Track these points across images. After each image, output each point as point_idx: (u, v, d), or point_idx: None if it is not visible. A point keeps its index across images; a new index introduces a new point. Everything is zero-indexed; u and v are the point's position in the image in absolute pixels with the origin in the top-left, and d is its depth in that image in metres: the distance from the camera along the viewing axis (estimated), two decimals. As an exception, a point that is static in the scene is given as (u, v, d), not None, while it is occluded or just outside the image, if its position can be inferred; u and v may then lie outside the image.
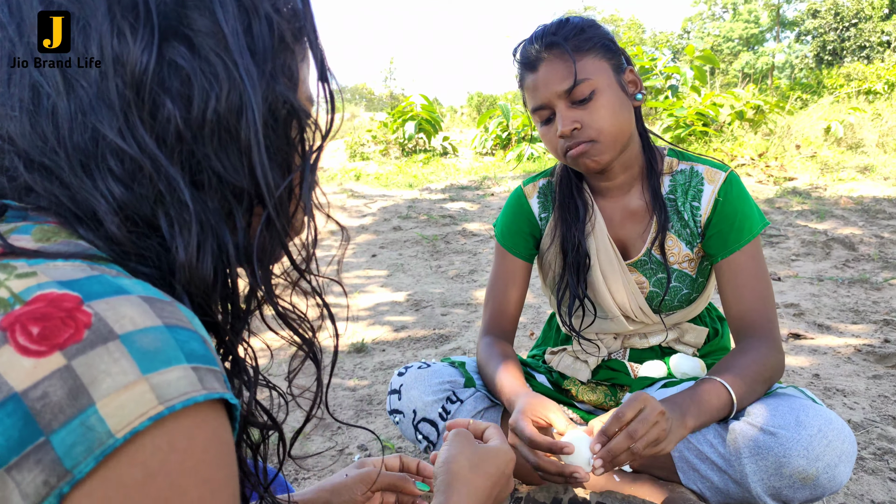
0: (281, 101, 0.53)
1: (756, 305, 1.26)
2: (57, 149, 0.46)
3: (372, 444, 1.70)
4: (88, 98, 0.46)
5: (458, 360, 1.49)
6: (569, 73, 1.20)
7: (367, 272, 3.82)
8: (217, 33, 0.49)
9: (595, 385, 1.45)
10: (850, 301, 2.94)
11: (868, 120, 8.60)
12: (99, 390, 0.37)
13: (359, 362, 2.33)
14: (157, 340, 0.40)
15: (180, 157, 0.49)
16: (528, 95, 1.27)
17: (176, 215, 0.48)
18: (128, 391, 0.38)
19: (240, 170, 0.51)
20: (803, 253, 3.90)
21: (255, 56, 0.51)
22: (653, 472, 1.28)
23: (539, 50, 1.22)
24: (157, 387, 0.39)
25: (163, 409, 0.39)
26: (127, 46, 0.46)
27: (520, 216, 1.45)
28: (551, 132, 1.26)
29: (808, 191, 5.66)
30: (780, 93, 12.40)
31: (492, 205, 5.66)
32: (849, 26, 23.87)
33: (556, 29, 1.23)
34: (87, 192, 0.46)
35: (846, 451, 1.12)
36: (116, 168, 0.46)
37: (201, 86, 0.48)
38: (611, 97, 1.22)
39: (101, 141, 0.46)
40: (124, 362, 0.38)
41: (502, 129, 9.17)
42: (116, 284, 0.42)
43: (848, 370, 2.11)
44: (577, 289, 1.36)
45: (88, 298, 0.40)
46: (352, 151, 9.61)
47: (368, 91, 22.42)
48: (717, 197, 1.30)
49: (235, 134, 0.50)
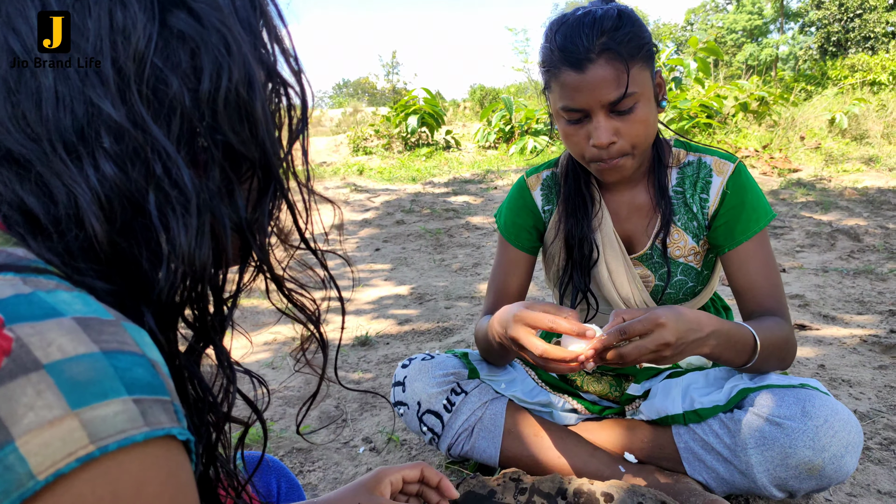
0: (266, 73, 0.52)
1: (768, 292, 1.26)
2: (37, 133, 0.42)
3: (377, 436, 1.70)
4: (84, 72, 0.43)
5: (461, 352, 1.49)
6: (619, 84, 1.12)
7: (371, 266, 3.82)
8: (215, 3, 0.47)
9: (600, 375, 1.45)
10: (856, 292, 2.93)
11: (873, 111, 8.57)
12: (19, 426, 0.33)
13: (363, 355, 2.33)
14: (92, 370, 0.35)
15: (179, 135, 0.46)
16: (562, 92, 1.17)
17: (174, 197, 0.45)
18: (53, 428, 0.33)
19: (250, 142, 0.50)
20: (808, 244, 3.89)
21: (243, 26, 0.49)
22: (658, 462, 1.28)
23: (589, 49, 1.11)
24: (88, 423, 0.34)
25: (94, 450, 0.34)
26: (129, 17, 0.44)
27: (523, 208, 1.44)
28: (580, 134, 1.19)
29: (813, 182, 5.64)
30: (784, 84, 12.35)
31: (495, 198, 5.65)
32: (853, 17, 23.73)
33: (612, 28, 1.11)
34: (67, 176, 0.42)
35: (852, 442, 1.11)
36: (111, 146, 0.43)
37: (213, 57, 0.47)
38: (648, 108, 1.17)
39: (96, 116, 0.43)
40: (49, 395, 0.34)
41: (505, 122, 9.16)
42: (48, 304, 0.37)
43: (853, 360, 2.10)
44: (582, 282, 1.36)
45: (11, 321, 0.35)
46: (355, 146, 9.61)
47: (371, 85, 22.41)
48: (724, 189, 1.28)
49: (249, 105, 0.49)
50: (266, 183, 0.52)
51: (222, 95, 0.47)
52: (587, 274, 1.36)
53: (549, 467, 1.32)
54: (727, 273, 1.31)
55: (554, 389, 1.46)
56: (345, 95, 36.24)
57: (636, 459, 1.30)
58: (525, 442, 1.35)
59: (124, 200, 0.44)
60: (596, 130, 1.16)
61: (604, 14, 1.13)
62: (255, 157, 0.50)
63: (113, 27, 0.44)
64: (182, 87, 0.46)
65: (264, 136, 0.50)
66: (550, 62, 1.17)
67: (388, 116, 9.97)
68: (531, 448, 1.34)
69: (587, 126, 1.18)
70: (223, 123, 0.48)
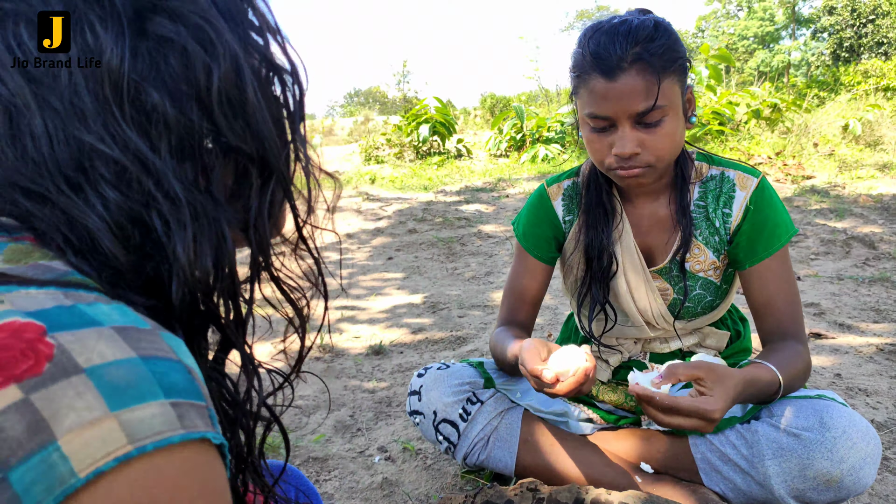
0: (258, 60, 0.51)
1: (787, 310, 1.25)
2: (42, 171, 0.43)
3: (392, 445, 1.71)
4: (63, 108, 0.43)
5: (477, 361, 1.49)
6: (649, 95, 1.10)
7: (384, 275, 3.83)
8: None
9: (616, 385, 1.45)
10: (872, 300, 2.90)
11: (887, 117, 8.50)
12: (61, 426, 0.34)
13: (377, 364, 2.34)
14: (130, 374, 0.37)
15: (170, 145, 0.46)
16: (590, 99, 1.15)
17: (169, 211, 0.45)
18: (93, 428, 0.35)
19: (246, 135, 0.49)
20: (823, 252, 3.86)
21: (226, 17, 0.49)
22: (675, 473, 1.28)
23: (622, 58, 1.09)
24: (126, 424, 0.36)
25: (131, 450, 0.35)
26: (97, 39, 0.43)
27: (543, 219, 1.41)
28: (603, 142, 1.18)
29: (827, 189, 5.60)
30: (796, 91, 12.29)
31: (507, 206, 5.66)
32: (866, 22, 23.60)
33: (646, 39, 1.10)
34: (77, 210, 0.43)
35: (871, 454, 1.11)
36: (107, 173, 0.44)
37: (198, 55, 0.46)
38: (675, 123, 1.15)
39: (86, 149, 0.44)
40: (90, 397, 0.35)
41: (516, 130, 9.17)
42: (87, 315, 0.39)
43: (870, 369, 2.09)
44: (600, 294, 1.35)
45: (53, 329, 0.37)
46: (366, 155, 9.64)
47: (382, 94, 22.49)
48: (748, 204, 1.27)
49: (240, 97, 0.48)
50: (267, 176, 0.52)
51: (214, 93, 0.47)
52: (606, 286, 1.35)
53: (565, 477, 1.32)
54: (746, 290, 1.30)
55: (569, 399, 1.46)
56: (356, 105, 36.41)
57: (652, 470, 1.29)
58: (541, 451, 1.35)
59: (132, 221, 0.45)
60: (620, 140, 1.14)
61: (640, 24, 1.12)
62: (254, 151, 0.50)
63: (81, 56, 0.44)
64: (164, 96, 0.45)
65: (259, 127, 0.49)
66: (581, 67, 1.16)
67: (399, 125, 10.00)
68: (547, 458, 1.35)
69: (612, 135, 1.16)
70: (218, 121, 0.48)
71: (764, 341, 1.29)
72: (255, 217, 0.52)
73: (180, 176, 0.46)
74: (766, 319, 1.27)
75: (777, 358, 1.18)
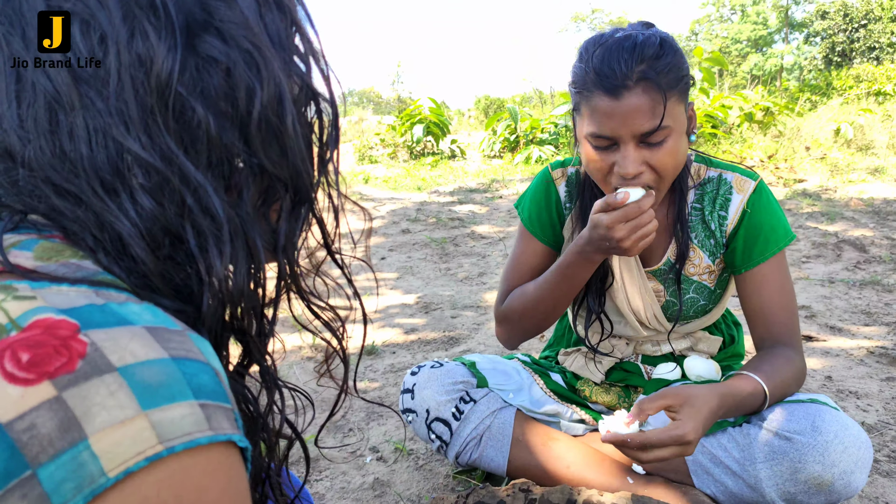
0: (300, 87, 0.51)
1: (781, 317, 1.25)
2: (78, 171, 0.43)
3: (384, 445, 1.70)
4: (108, 110, 0.43)
5: (469, 360, 1.49)
6: (654, 115, 1.06)
7: (377, 275, 3.82)
8: (244, 22, 0.46)
9: (609, 386, 1.45)
10: (862, 303, 2.92)
11: (878, 121, 8.56)
12: (92, 424, 0.34)
13: (370, 364, 2.34)
14: (162, 374, 0.37)
15: (209, 161, 0.46)
16: (593, 117, 1.11)
17: (206, 226, 0.45)
18: (125, 427, 0.35)
19: (282, 162, 0.50)
20: (814, 255, 3.88)
21: (274, 43, 0.49)
22: (667, 475, 1.28)
23: (626, 76, 1.05)
24: (157, 424, 0.36)
25: (161, 450, 0.36)
26: (150, 48, 0.43)
27: (548, 202, 1.40)
28: (605, 161, 1.13)
29: (819, 192, 5.63)
30: (789, 94, 12.35)
31: (500, 207, 5.66)
32: (858, 27, 23.74)
33: (652, 57, 1.06)
34: (110, 214, 0.44)
35: (862, 458, 1.11)
36: (145, 181, 0.44)
37: (244, 79, 0.46)
38: (678, 140, 1.12)
39: (126, 154, 0.44)
40: (122, 396, 0.35)
41: (510, 131, 9.18)
42: (120, 314, 0.39)
43: (861, 372, 2.10)
44: (595, 304, 1.34)
45: (87, 327, 0.37)
46: (360, 154, 9.63)
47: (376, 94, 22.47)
48: (745, 207, 1.26)
49: (279, 125, 0.48)
50: (298, 202, 0.52)
51: (255, 118, 0.47)
52: (601, 296, 1.34)
53: (556, 477, 1.32)
54: (741, 295, 1.29)
55: (562, 399, 1.46)
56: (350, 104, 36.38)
57: (644, 471, 1.30)
58: (533, 451, 1.35)
59: (165, 231, 0.45)
60: (623, 160, 1.10)
61: (645, 41, 1.07)
62: (287, 178, 0.50)
63: (132, 62, 0.43)
64: (208, 113, 0.45)
65: (295, 156, 0.50)
66: (584, 84, 1.11)
67: (393, 126, 10.00)
68: (539, 457, 1.35)
69: (614, 154, 1.12)
70: (255, 145, 0.48)
71: (757, 347, 1.29)
72: (285, 240, 0.52)
73: (220, 193, 0.46)
74: (759, 325, 1.27)
75: (764, 367, 1.18)
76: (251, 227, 0.48)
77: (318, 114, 0.54)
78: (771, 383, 1.16)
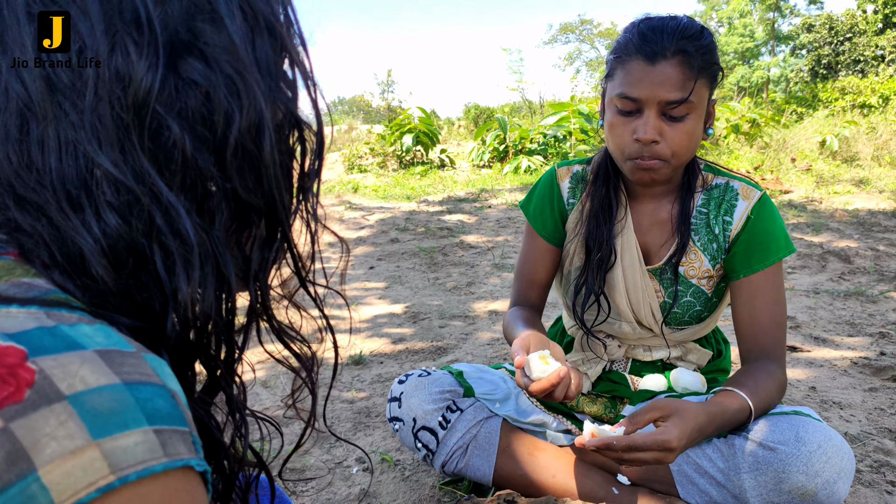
0: (284, 114, 0.50)
1: (770, 330, 1.27)
2: (44, 182, 0.42)
3: (370, 456, 1.70)
4: (82, 123, 0.42)
5: (457, 370, 1.49)
6: (683, 87, 1.15)
7: (365, 284, 3.82)
8: (230, 47, 0.46)
9: (595, 397, 1.46)
10: (847, 314, 2.95)
11: (863, 133, 8.66)
12: (42, 456, 0.33)
13: (357, 374, 2.33)
14: (113, 400, 0.36)
15: (182, 183, 0.45)
16: (625, 79, 1.19)
17: (175, 248, 0.44)
18: (75, 458, 0.34)
19: (257, 190, 0.49)
20: (799, 265, 3.91)
21: (261, 69, 0.48)
22: (651, 485, 1.29)
23: (666, 47, 1.14)
24: (109, 453, 0.35)
25: (114, 480, 0.35)
26: (131, 64, 0.42)
27: (551, 199, 1.45)
28: (626, 127, 1.21)
29: (804, 204, 5.69)
30: (775, 106, 12.48)
31: (489, 217, 5.67)
32: (843, 40, 24.06)
33: (693, 36, 1.16)
34: (72, 230, 0.42)
35: (845, 468, 1.12)
36: (113, 199, 0.43)
37: (222, 104, 0.45)
38: (696, 124, 1.20)
39: (95, 169, 0.42)
40: (72, 425, 0.34)
41: (499, 141, 9.21)
42: (70, 338, 0.38)
43: (844, 383, 2.12)
44: (595, 285, 1.37)
45: (35, 354, 0.36)
46: (349, 163, 9.63)
47: (366, 103, 22.48)
48: (749, 214, 1.30)
49: (256, 153, 0.48)
50: (271, 231, 0.51)
51: (231, 143, 0.46)
52: (602, 277, 1.37)
53: (542, 487, 1.33)
54: (733, 303, 1.31)
55: (548, 409, 1.46)
56: (340, 113, 36.40)
57: (629, 481, 1.30)
58: (519, 461, 1.36)
59: (129, 250, 0.44)
60: (644, 125, 1.18)
61: (689, 23, 1.18)
62: (261, 206, 0.49)
63: (111, 76, 0.43)
64: (185, 133, 0.44)
65: (271, 184, 0.49)
66: (625, 49, 1.19)
67: (383, 135, 10.01)
68: (525, 467, 1.35)
69: (636, 121, 1.19)
70: (230, 171, 0.47)
71: (743, 359, 1.31)
72: (258, 267, 0.51)
73: (192, 215, 0.45)
74: (748, 336, 1.29)
75: (749, 383, 1.20)
76: (223, 252, 0.47)
77: (302, 142, 0.52)
78: (756, 399, 1.17)
